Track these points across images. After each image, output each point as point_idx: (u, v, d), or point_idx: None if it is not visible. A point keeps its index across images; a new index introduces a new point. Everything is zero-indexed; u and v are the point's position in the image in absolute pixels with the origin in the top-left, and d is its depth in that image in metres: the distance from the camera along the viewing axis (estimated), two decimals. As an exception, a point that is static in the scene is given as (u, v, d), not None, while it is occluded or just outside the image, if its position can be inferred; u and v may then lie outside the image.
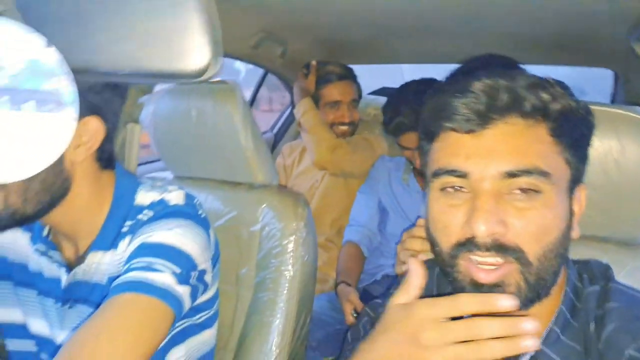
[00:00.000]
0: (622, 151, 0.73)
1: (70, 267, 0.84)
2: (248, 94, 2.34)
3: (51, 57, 0.29)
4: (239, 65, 2.06)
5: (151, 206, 0.83)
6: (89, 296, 0.83)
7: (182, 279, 0.76)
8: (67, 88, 0.30)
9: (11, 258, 0.89)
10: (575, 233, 0.63)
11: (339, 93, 1.86)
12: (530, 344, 0.48)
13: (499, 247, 0.56)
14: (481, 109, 0.58)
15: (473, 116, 0.59)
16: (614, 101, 1.78)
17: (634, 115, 0.73)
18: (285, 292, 1.05)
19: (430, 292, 0.74)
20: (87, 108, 0.74)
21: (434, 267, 0.76)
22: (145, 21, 0.31)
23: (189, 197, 0.87)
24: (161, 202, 0.83)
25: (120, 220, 0.83)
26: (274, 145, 2.39)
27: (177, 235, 0.78)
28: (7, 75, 0.28)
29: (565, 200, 0.60)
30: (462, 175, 0.59)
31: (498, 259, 0.57)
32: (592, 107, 0.73)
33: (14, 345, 0.91)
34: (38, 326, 0.88)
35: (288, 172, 2.03)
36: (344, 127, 1.88)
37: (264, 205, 1.13)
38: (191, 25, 0.31)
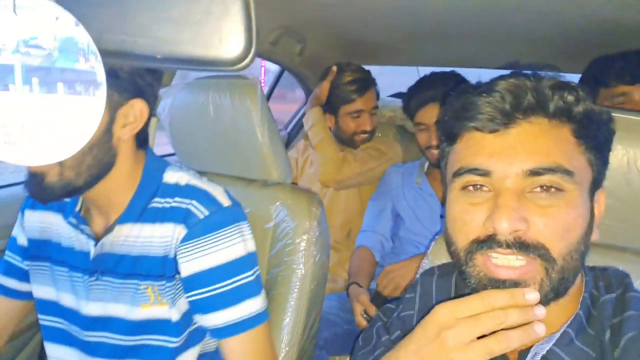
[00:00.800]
0: None
1: (98, 240, 0.90)
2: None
3: (82, 36, 0.29)
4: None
5: (201, 198, 0.89)
6: (115, 267, 0.88)
7: (260, 282, 0.92)
8: (97, 69, 0.29)
9: (50, 238, 0.96)
10: (594, 236, 0.62)
11: (362, 103, 1.81)
12: (541, 330, 0.52)
13: (521, 245, 0.56)
14: (506, 108, 0.58)
15: (497, 115, 0.59)
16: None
17: None
18: (296, 290, 1.05)
19: (449, 296, 0.73)
20: (134, 90, 0.82)
21: (452, 272, 0.75)
22: (183, 4, 0.31)
23: (228, 194, 0.93)
24: (212, 200, 0.89)
25: (148, 196, 0.89)
26: (287, 144, 2.38)
27: (245, 242, 0.90)
28: (42, 55, 0.28)
29: (587, 201, 0.60)
30: (485, 173, 0.59)
31: (519, 258, 0.56)
32: (617, 114, 0.72)
33: (47, 320, 0.96)
34: (67, 300, 0.93)
35: (300, 167, 2.02)
36: (365, 135, 1.84)
37: (278, 202, 1.12)
38: (230, 12, 0.31)
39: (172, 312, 0.88)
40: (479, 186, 0.60)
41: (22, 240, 0.99)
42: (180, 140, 1.25)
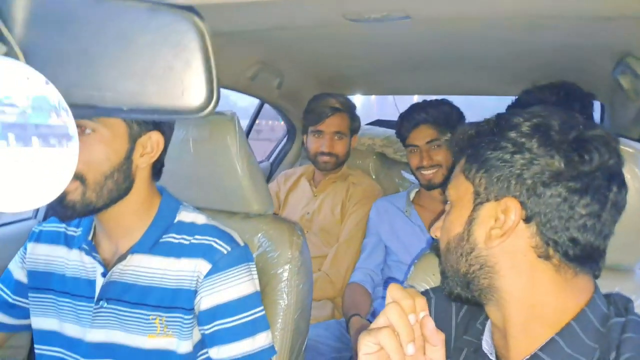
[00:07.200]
0: None
1: (107, 267, 0.93)
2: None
3: (53, 93, 0.31)
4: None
5: (222, 237, 0.96)
6: (122, 296, 0.91)
7: (267, 318, 0.98)
8: (69, 123, 0.32)
9: (53, 271, 0.99)
10: (488, 241, 0.66)
11: (324, 125, 1.88)
12: None
13: None
14: None
15: None
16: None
17: (624, 148, 0.75)
18: (279, 321, 1.05)
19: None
20: (152, 123, 0.90)
21: None
22: (147, 60, 0.33)
23: (238, 235, 1.01)
24: (232, 238, 0.97)
25: (161, 230, 0.95)
26: (270, 174, 2.41)
27: (254, 280, 0.98)
28: (16, 112, 0.30)
29: (466, 214, 0.68)
30: None
31: None
32: None
33: (46, 350, 0.98)
34: (70, 330, 0.95)
35: (281, 200, 2.03)
36: (325, 157, 1.89)
37: (260, 234, 1.14)
38: (191, 65, 0.33)
39: (179, 344, 0.91)
40: None
41: (20, 275, 1.02)
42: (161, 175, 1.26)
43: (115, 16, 0.33)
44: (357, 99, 2.21)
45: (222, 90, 1.85)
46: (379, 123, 2.41)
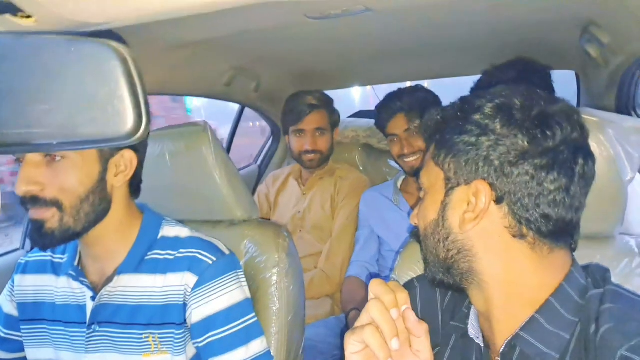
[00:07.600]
0: None
1: (95, 290, 0.93)
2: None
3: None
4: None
5: (206, 248, 0.96)
6: (113, 317, 0.92)
7: (260, 325, 0.98)
8: None
9: (43, 300, 0.98)
10: (462, 225, 0.66)
11: (304, 123, 1.87)
12: None
13: None
14: None
15: None
16: (579, 102, 1.83)
17: (588, 117, 0.76)
18: (273, 325, 1.05)
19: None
20: None
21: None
22: (72, 92, 0.33)
23: (223, 244, 1.01)
24: (216, 248, 0.97)
25: (145, 248, 0.95)
26: (259, 176, 2.40)
27: (243, 288, 0.97)
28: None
29: (440, 200, 0.68)
30: None
31: None
32: None
33: None
34: (66, 357, 0.95)
35: (271, 201, 2.03)
36: (309, 155, 1.89)
37: (246, 240, 1.14)
38: (115, 92, 0.33)
39: None
40: None
41: (9, 309, 1.01)
42: (142, 192, 1.26)
43: (35, 52, 0.33)
44: (356, 90, 2.22)
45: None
46: (360, 114, 2.42)
